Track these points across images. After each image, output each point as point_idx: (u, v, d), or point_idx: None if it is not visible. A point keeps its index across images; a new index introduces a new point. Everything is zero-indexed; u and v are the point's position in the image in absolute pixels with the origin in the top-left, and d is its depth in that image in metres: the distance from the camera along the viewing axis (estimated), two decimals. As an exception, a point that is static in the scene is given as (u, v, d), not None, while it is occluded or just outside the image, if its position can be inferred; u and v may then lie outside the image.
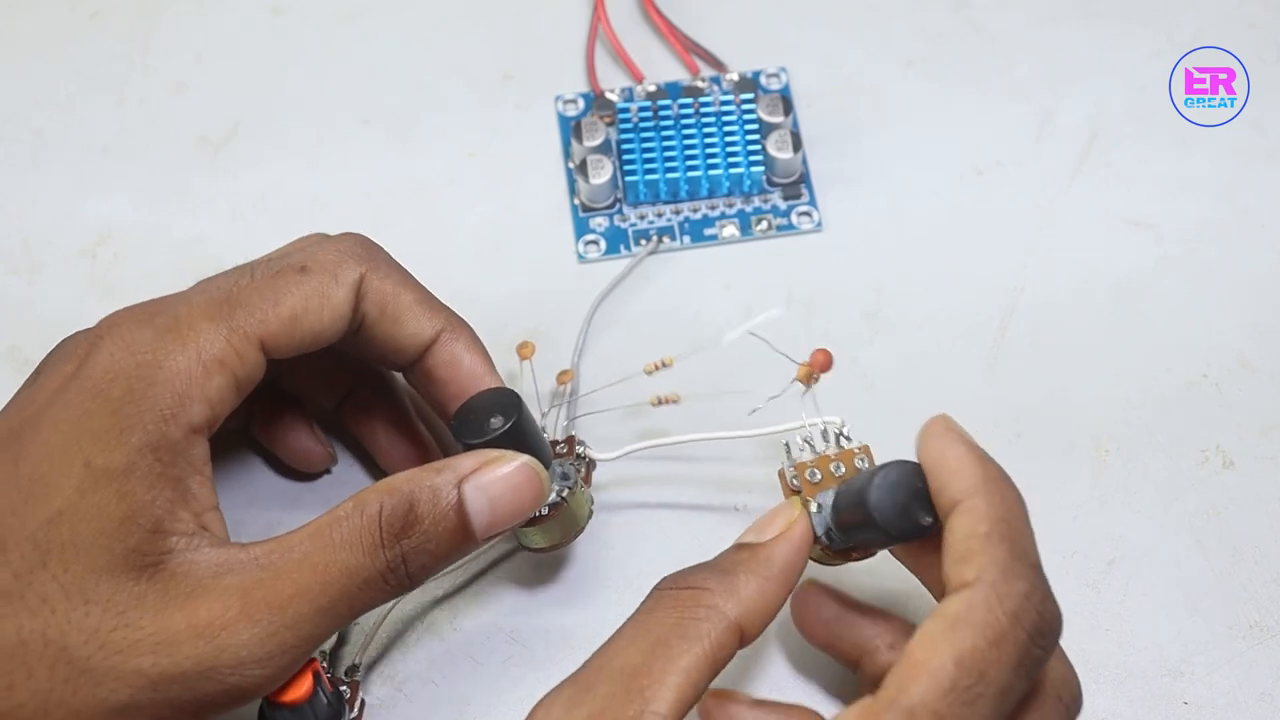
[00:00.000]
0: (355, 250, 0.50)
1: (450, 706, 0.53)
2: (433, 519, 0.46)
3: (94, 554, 0.44)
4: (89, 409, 0.45)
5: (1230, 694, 0.52)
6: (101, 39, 0.67)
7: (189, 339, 0.46)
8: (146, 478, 0.45)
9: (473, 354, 0.51)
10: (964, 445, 0.44)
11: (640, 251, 0.61)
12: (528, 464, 0.48)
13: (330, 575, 0.45)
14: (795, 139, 0.62)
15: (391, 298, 0.50)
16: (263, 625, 0.44)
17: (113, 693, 0.43)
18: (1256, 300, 0.60)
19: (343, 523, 0.46)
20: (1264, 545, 0.55)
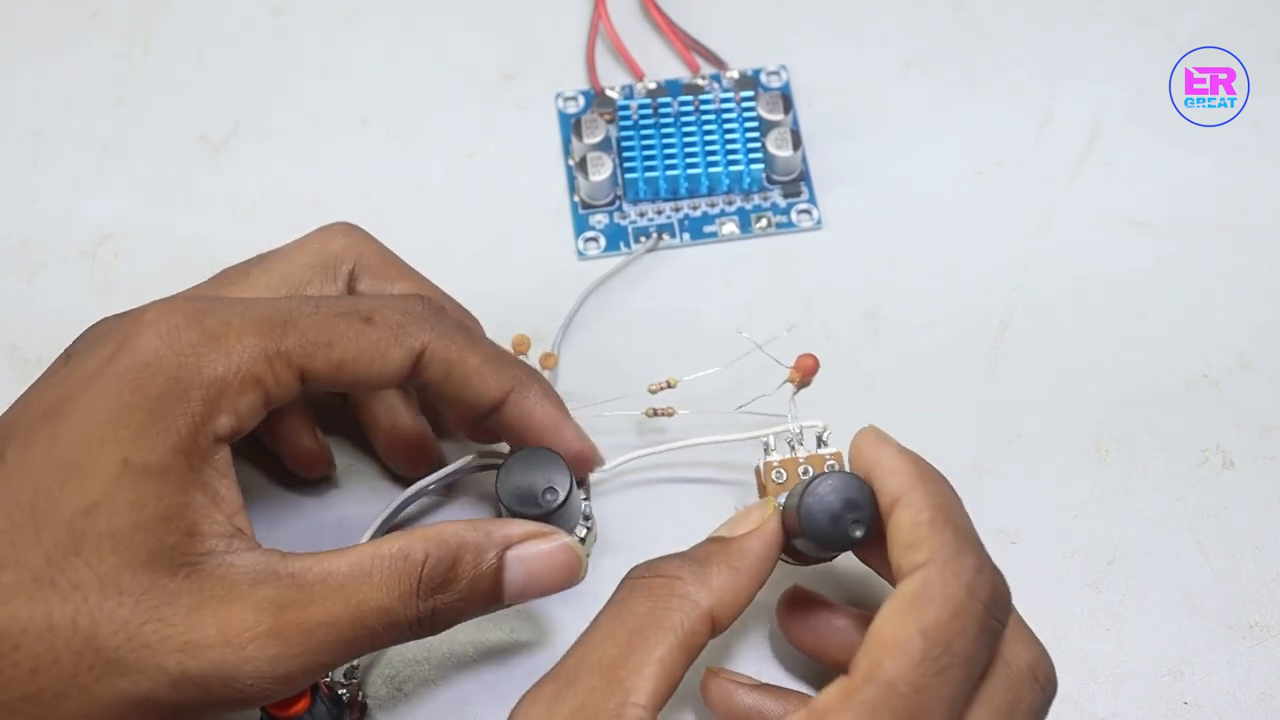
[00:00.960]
0: (422, 316, 0.49)
1: (450, 706, 0.53)
2: (471, 580, 0.47)
3: (132, 547, 0.44)
4: (127, 402, 0.45)
5: (1230, 694, 0.52)
6: (101, 39, 0.67)
7: (234, 350, 0.46)
8: (181, 480, 0.45)
9: (544, 409, 0.51)
10: (894, 447, 0.46)
11: (639, 248, 0.61)
12: (571, 546, 0.49)
13: (362, 612, 0.46)
14: (795, 137, 0.62)
15: (457, 364, 0.50)
16: (289, 646, 0.45)
17: (134, 685, 0.44)
18: (1256, 300, 0.60)
19: (385, 563, 0.46)
20: (1264, 545, 0.55)
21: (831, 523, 0.46)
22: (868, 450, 0.46)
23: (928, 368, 0.59)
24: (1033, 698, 0.44)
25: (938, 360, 0.59)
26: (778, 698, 0.50)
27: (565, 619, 0.54)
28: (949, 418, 0.57)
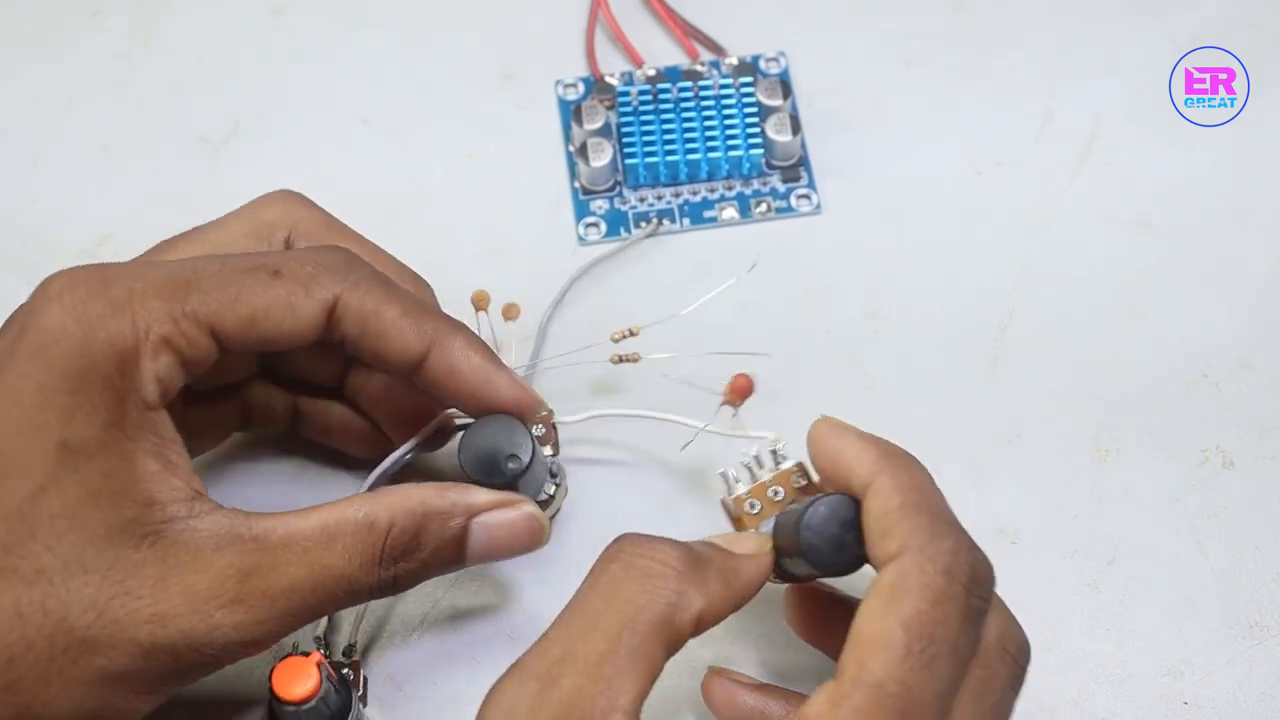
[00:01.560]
0: (334, 266, 0.48)
1: (450, 706, 0.53)
2: (435, 549, 0.47)
3: (89, 525, 0.44)
4: (45, 384, 0.45)
5: (1230, 694, 0.52)
6: (101, 38, 0.67)
7: (139, 316, 0.46)
8: (123, 454, 0.45)
9: (469, 359, 0.50)
10: (853, 435, 0.45)
11: (638, 233, 0.61)
12: (534, 515, 0.49)
13: (324, 578, 0.46)
14: (794, 122, 0.62)
15: (373, 316, 0.48)
16: (255, 612, 0.45)
17: (110, 661, 0.44)
18: (1256, 300, 0.60)
19: (350, 531, 0.46)
20: (1264, 545, 0.55)
21: (838, 550, 0.45)
22: (827, 443, 0.45)
23: (928, 368, 0.59)
24: (1004, 671, 0.43)
25: (938, 360, 0.59)
26: (780, 698, 0.49)
27: (565, 619, 0.54)
28: (949, 418, 0.57)
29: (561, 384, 0.56)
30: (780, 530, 0.47)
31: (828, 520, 0.45)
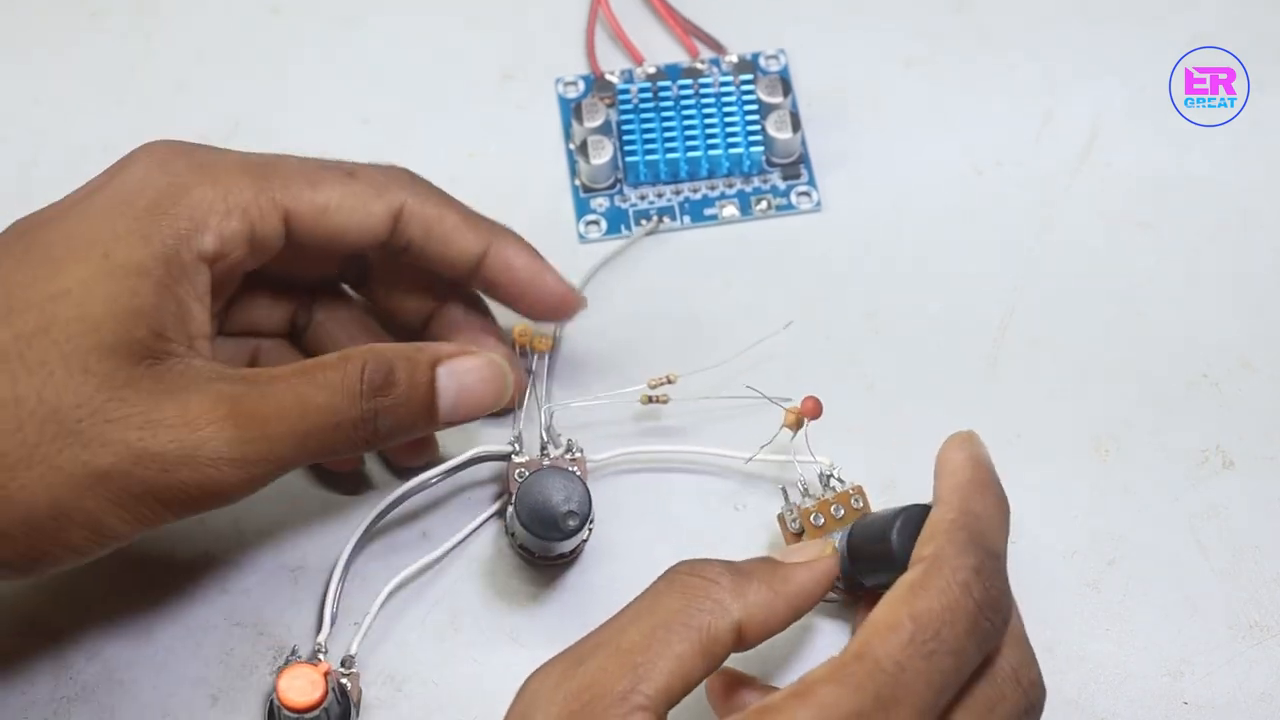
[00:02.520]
0: (401, 177, 0.53)
1: (450, 706, 0.53)
2: (408, 386, 0.50)
3: (100, 332, 0.46)
4: (115, 209, 0.48)
5: (1230, 694, 0.52)
6: (101, 39, 0.67)
7: (220, 179, 0.49)
8: (156, 285, 0.48)
9: (523, 258, 0.54)
10: (966, 452, 0.47)
11: (639, 231, 0.61)
12: (497, 361, 0.52)
13: (310, 407, 0.48)
14: (794, 119, 0.62)
15: (436, 221, 0.53)
16: (245, 430, 0.47)
17: (95, 456, 0.46)
18: (1256, 300, 0.60)
19: (328, 368, 0.49)
20: (1264, 545, 0.55)
21: None
22: (944, 450, 0.47)
23: (928, 368, 0.59)
24: (1015, 699, 0.44)
25: (938, 360, 0.59)
26: None
27: (566, 621, 0.54)
28: (949, 418, 0.57)
29: (592, 416, 0.56)
30: (858, 535, 0.49)
31: (913, 523, 0.46)
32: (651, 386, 0.56)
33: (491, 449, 0.55)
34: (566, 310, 0.55)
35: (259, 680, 0.52)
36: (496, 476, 0.56)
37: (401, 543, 0.55)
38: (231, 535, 0.55)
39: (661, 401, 0.56)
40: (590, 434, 0.55)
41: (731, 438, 0.56)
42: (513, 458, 0.54)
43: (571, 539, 0.52)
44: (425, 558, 0.54)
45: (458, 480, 0.55)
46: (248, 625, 0.54)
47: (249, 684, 0.52)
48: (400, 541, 0.55)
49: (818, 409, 0.54)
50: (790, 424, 0.54)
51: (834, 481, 0.53)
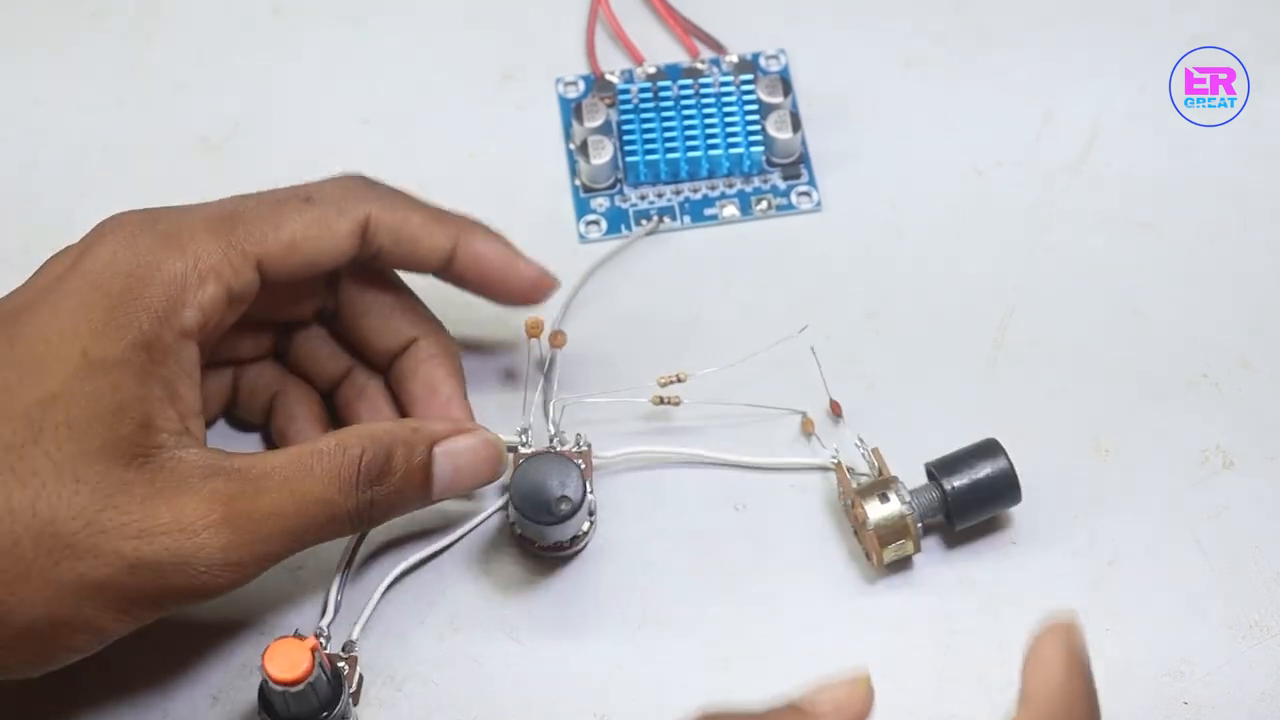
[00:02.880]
0: (358, 188, 0.52)
1: (450, 706, 0.53)
2: (405, 473, 0.50)
3: (88, 437, 0.46)
4: (88, 300, 0.48)
5: (1230, 694, 0.52)
6: (101, 38, 0.67)
7: (188, 247, 0.49)
8: (139, 374, 0.47)
9: (494, 248, 0.54)
10: (1064, 649, 0.42)
11: (639, 231, 0.61)
12: (493, 441, 0.52)
13: (305, 503, 0.48)
14: (794, 119, 0.62)
15: (401, 224, 0.52)
16: (240, 534, 0.47)
17: (92, 569, 0.45)
18: (1256, 300, 0.60)
19: (324, 458, 0.49)
20: (1264, 545, 0.55)
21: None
22: (1040, 641, 0.42)
23: (928, 368, 0.59)
24: None
25: (938, 360, 0.59)
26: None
27: (566, 620, 0.54)
28: (949, 418, 0.57)
29: (598, 413, 0.56)
30: (964, 483, 0.53)
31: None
32: (661, 384, 0.56)
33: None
34: (540, 293, 0.55)
35: (259, 680, 0.52)
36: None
37: (404, 537, 0.55)
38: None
39: (673, 403, 0.56)
40: (595, 431, 0.55)
41: (738, 439, 0.56)
42: (519, 449, 0.54)
43: (566, 525, 0.52)
44: (429, 548, 0.54)
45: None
46: (248, 625, 0.54)
47: (249, 684, 0.52)
48: (403, 535, 0.55)
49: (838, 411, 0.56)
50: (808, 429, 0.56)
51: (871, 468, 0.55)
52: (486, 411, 0.57)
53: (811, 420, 0.56)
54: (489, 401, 0.57)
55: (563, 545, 0.54)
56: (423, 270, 0.54)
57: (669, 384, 0.56)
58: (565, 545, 0.54)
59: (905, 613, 0.54)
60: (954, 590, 0.54)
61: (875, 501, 0.53)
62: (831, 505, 0.56)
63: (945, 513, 0.54)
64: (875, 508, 0.53)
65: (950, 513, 0.53)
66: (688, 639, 0.54)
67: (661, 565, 0.55)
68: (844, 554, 0.55)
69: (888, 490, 0.53)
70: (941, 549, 0.55)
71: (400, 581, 0.54)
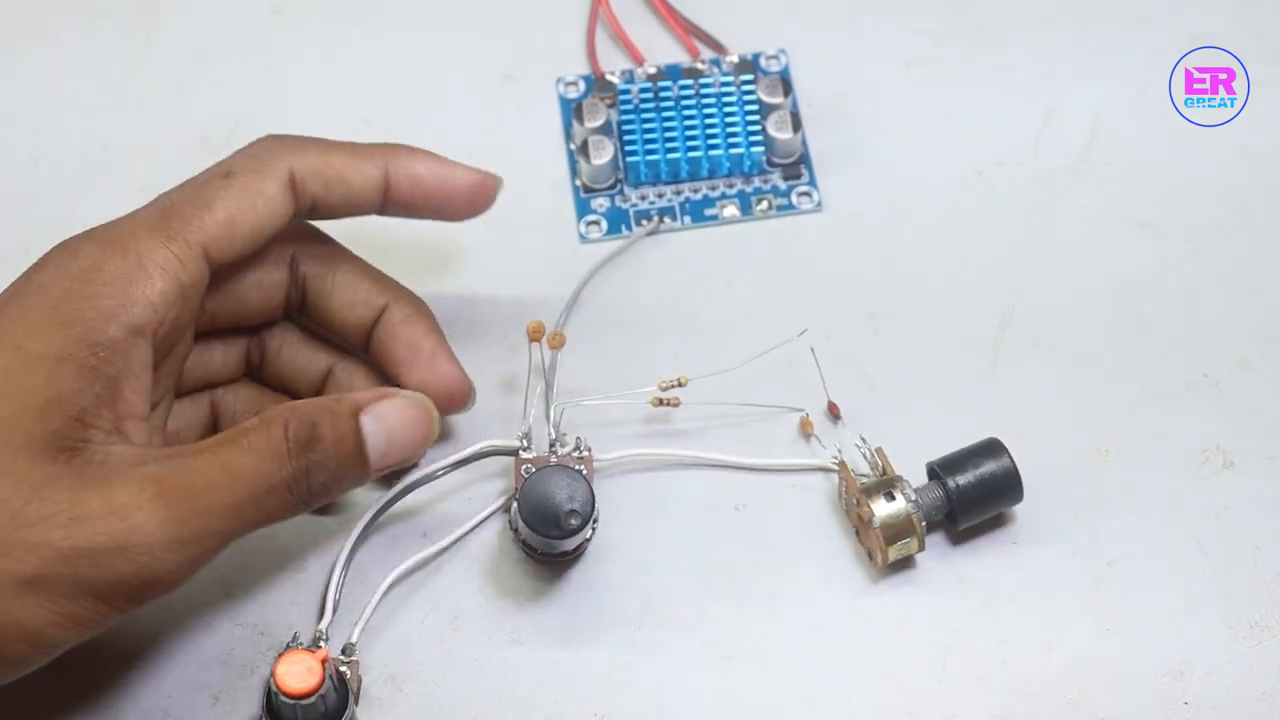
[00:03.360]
0: (274, 146, 0.52)
1: (450, 706, 0.53)
2: (334, 440, 0.48)
3: (12, 432, 0.45)
4: (28, 303, 0.47)
5: (1230, 694, 0.52)
6: (101, 39, 0.67)
7: (130, 247, 0.49)
8: (78, 369, 0.46)
9: (422, 163, 0.54)
10: None
11: (639, 231, 0.61)
12: (420, 400, 0.51)
13: (239, 475, 0.47)
14: (795, 119, 0.62)
15: (326, 166, 0.52)
16: (176, 510, 0.45)
17: (19, 563, 0.44)
18: (1257, 300, 0.60)
19: (250, 433, 0.48)
20: (1264, 545, 0.55)
21: None
22: None
23: (928, 368, 0.59)
24: None
25: (938, 360, 0.59)
26: None
27: (566, 620, 0.54)
28: (949, 418, 0.57)
29: (598, 416, 0.56)
30: (966, 482, 0.54)
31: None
32: (662, 388, 0.56)
33: (499, 444, 0.55)
34: (486, 196, 0.55)
35: (260, 680, 0.52)
36: (503, 472, 0.56)
37: (404, 537, 0.55)
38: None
39: (673, 405, 0.56)
40: (595, 433, 0.55)
41: (738, 440, 0.56)
42: (520, 453, 0.54)
43: (573, 537, 0.52)
44: (428, 549, 0.54)
45: (464, 475, 0.55)
46: (248, 625, 0.54)
47: (250, 684, 0.52)
48: (403, 536, 0.55)
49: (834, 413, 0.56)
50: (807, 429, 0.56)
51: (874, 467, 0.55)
52: (487, 415, 0.57)
53: (811, 421, 0.56)
54: (489, 406, 0.57)
55: (566, 553, 0.54)
56: (364, 209, 0.54)
57: (670, 388, 0.56)
58: (568, 553, 0.54)
59: (905, 612, 0.54)
60: (954, 590, 0.54)
61: (881, 500, 0.53)
62: (832, 506, 0.56)
63: (948, 511, 0.54)
64: (881, 506, 0.53)
65: (954, 511, 0.53)
66: (688, 639, 0.54)
67: (662, 566, 0.55)
68: (844, 554, 0.55)
69: (893, 489, 0.53)
70: (941, 549, 0.55)
71: (400, 582, 0.54)
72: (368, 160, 0.53)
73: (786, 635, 0.54)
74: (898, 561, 0.54)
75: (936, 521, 0.54)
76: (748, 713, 0.52)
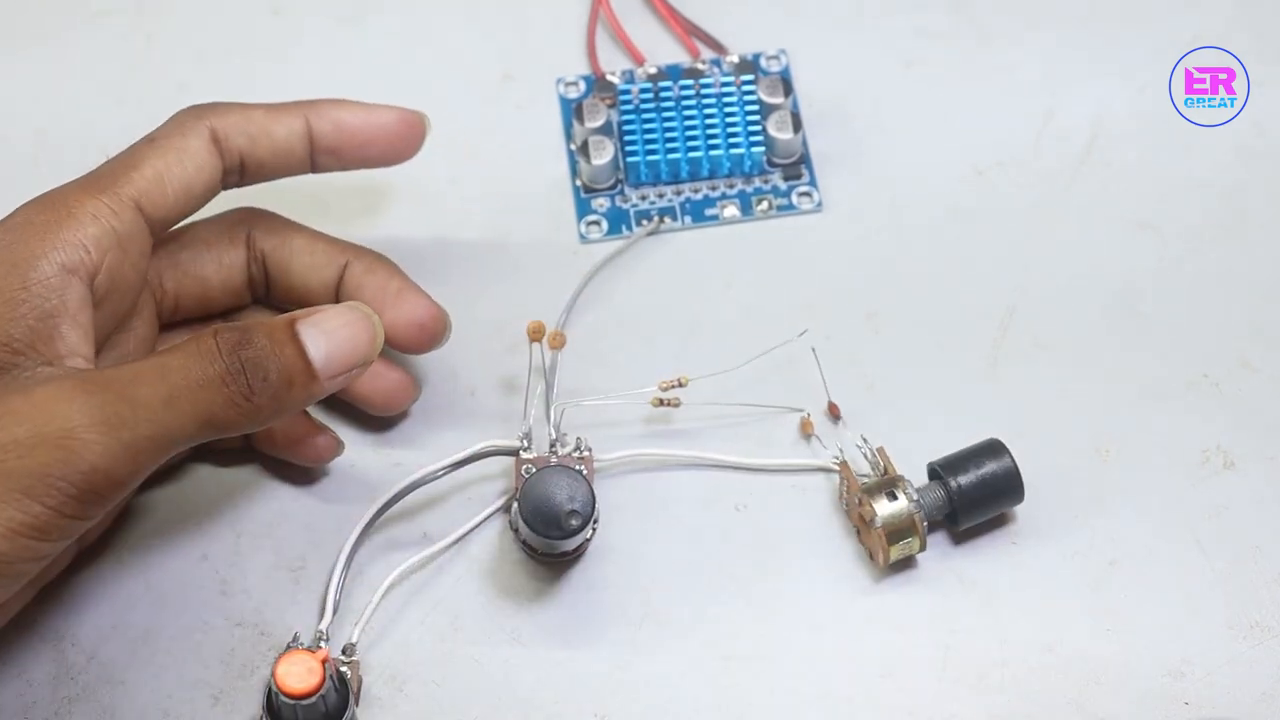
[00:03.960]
0: (191, 112, 0.53)
1: (450, 706, 0.53)
2: (269, 340, 0.48)
3: None
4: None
5: (1231, 694, 0.52)
6: (101, 39, 0.67)
7: (59, 204, 0.50)
8: (8, 301, 0.47)
9: (347, 110, 0.56)
10: None
11: (639, 231, 0.61)
12: (356, 305, 0.50)
13: (169, 368, 0.46)
14: (795, 120, 0.62)
15: (246, 121, 0.54)
16: (97, 396, 0.45)
17: None
18: (1257, 300, 0.60)
19: (181, 344, 0.47)
20: (1265, 546, 0.55)
21: None
22: None
23: (928, 368, 0.59)
24: None
25: (938, 360, 0.59)
26: None
27: (566, 620, 0.54)
28: (948, 418, 0.57)
29: (598, 416, 0.56)
30: (969, 483, 0.54)
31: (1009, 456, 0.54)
32: (662, 389, 0.56)
33: (499, 444, 0.55)
34: (414, 135, 0.56)
35: (260, 681, 0.52)
36: (504, 472, 0.56)
37: (405, 537, 0.55)
38: (231, 536, 0.55)
39: (673, 405, 0.56)
40: (596, 433, 0.55)
41: (738, 440, 0.56)
42: (520, 453, 0.54)
43: (574, 537, 0.52)
44: (428, 549, 0.54)
45: (464, 475, 0.55)
46: (248, 626, 0.54)
47: (250, 684, 0.52)
48: (403, 536, 0.55)
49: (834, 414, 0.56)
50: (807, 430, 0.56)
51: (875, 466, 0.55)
52: (487, 415, 0.57)
53: (811, 421, 0.56)
54: (490, 406, 0.57)
55: (567, 553, 0.54)
56: (293, 162, 0.55)
57: (670, 388, 0.56)
58: (568, 553, 0.54)
59: (905, 613, 0.54)
60: (954, 590, 0.54)
61: (883, 499, 0.53)
62: (832, 506, 0.56)
63: (949, 511, 0.54)
64: (883, 505, 0.53)
65: (955, 511, 0.53)
66: (688, 639, 0.54)
67: (662, 566, 0.55)
68: (845, 554, 0.55)
69: (895, 488, 0.53)
70: (942, 549, 0.55)
71: (400, 582, 0.54)
72: (288, 113, 0.54)
73: (786, 635, 0.54)
74: (898, 561, 0.54)
75: (937, 521, 0.54)
76: (748, 713, 0.52)
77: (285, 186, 0.57)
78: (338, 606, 0.53)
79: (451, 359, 0.58)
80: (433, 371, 0.58)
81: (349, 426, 0.57)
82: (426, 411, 0.58)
